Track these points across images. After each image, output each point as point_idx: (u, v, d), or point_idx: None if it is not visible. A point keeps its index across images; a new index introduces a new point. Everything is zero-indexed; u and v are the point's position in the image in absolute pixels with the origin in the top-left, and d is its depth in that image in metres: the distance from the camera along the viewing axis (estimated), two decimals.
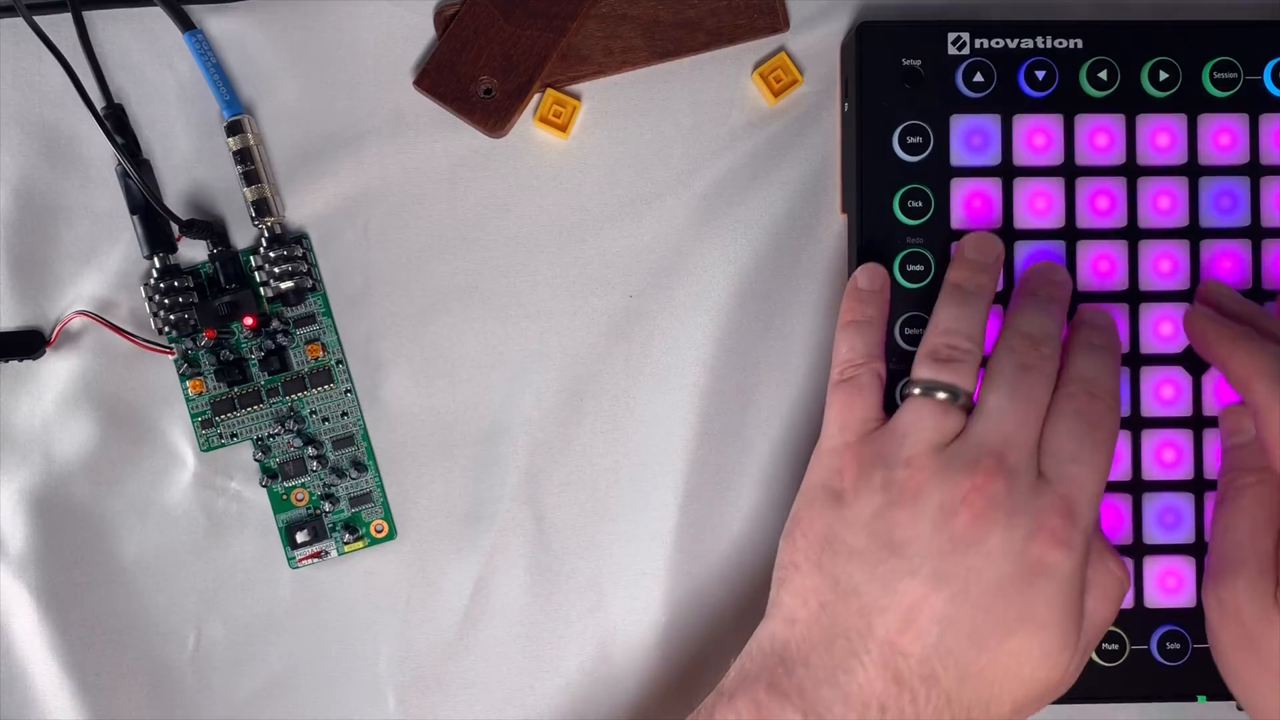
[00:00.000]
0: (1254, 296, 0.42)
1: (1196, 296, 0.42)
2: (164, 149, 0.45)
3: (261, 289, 0.44)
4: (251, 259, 0.44)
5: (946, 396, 0.38)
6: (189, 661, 0.45)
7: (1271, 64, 0.42)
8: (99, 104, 0.44)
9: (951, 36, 0.42)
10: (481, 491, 0.45)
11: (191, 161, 0.45)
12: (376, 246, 0.45)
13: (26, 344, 0.44)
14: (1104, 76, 0.42)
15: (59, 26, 0.43)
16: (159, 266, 0.44)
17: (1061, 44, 0.42)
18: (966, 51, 0.42)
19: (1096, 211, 0.42)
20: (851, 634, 0.36)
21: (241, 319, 0.44)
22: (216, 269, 0.44)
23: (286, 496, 0.45)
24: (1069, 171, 0.42)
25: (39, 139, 0.44)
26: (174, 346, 0.44)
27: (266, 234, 0.44)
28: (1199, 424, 0.42)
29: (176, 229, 0.43)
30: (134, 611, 0.45)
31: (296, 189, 0.45)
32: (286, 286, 0.44)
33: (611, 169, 0.45)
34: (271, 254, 0.44)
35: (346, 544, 0.45)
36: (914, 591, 0.36)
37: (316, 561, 0.45)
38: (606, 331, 0.45)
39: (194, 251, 0.45)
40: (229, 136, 0.44)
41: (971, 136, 0.42)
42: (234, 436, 0.45)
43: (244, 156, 0.44)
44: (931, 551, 0.36)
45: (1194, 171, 0.42)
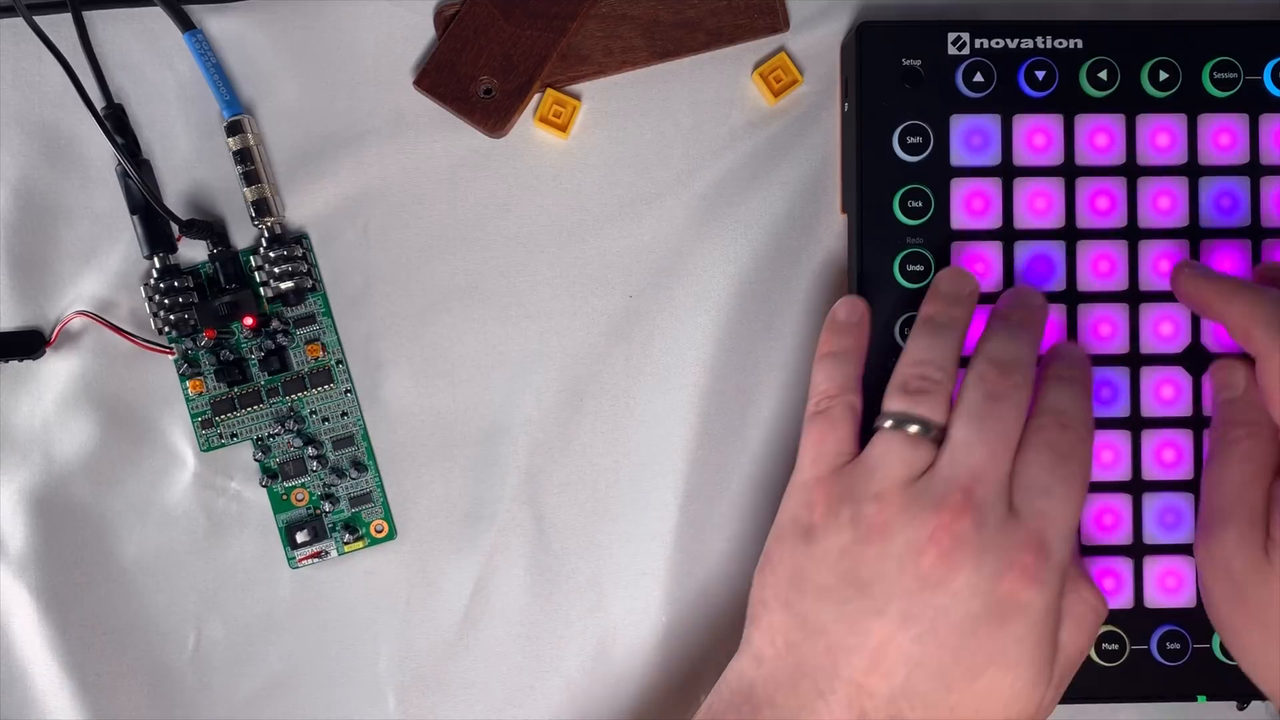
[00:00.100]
0: None
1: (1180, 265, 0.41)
2: (164, 149, 0.45)
3: (261, 289, 0.44)
4: (251, 259, 0.44)
5: (918, 429, 0.37)
6: (189, 661, 0.45)
7: (1271, 64, 0.42)
8: (99, 104, 0.44)
9: (951, 36, 0.42)
10: (481, 491, 0.45)
11: (191, 161, 0.45)
12: (376, 246, 0.45)
13: (26, 344, 0.44)
14: (1104, 76, 0.42)
15: (59, 26, 0.43)
16: (159, 266, 0.44)
17: (1061, 44, 0.42)
18: (966, 51, 0.42)
19: (1096, 211, 0.42)
20: (818, 674, 0.36)
21: (241, 319, 0.44)
22: (216, 269, 0.44)
23: (286, 496, 0.45)
24: (1069, 171, 0.42)
25: (39, 139, 0.44)
26: (174, 346, 0.44)
27: (266, 234, 0.44)
28: (1199, 424, 0.42)
29: (176, 229, 0.43)
30: (134, 611, 0.45)
31: (296, 189, 0.45)
32: (286, 286, 0.44)
33: (611, 169, 0.45)
34: (271, 254, 0.44)
35: (346, 544, 0.45)
36: (881, 631, 0.35)
37: (316, 561, 0.45)
38: (606, 331, 0.45)
39: (194, 251, 0.45)
40: (229, 136, 0.44)
41: (971, 136, 0.42)
42: (234, 436, 0.45)
43: (244, 156, 0.44)
44: (898, 591, 0.35)
45: (1194, 171, 0.42)
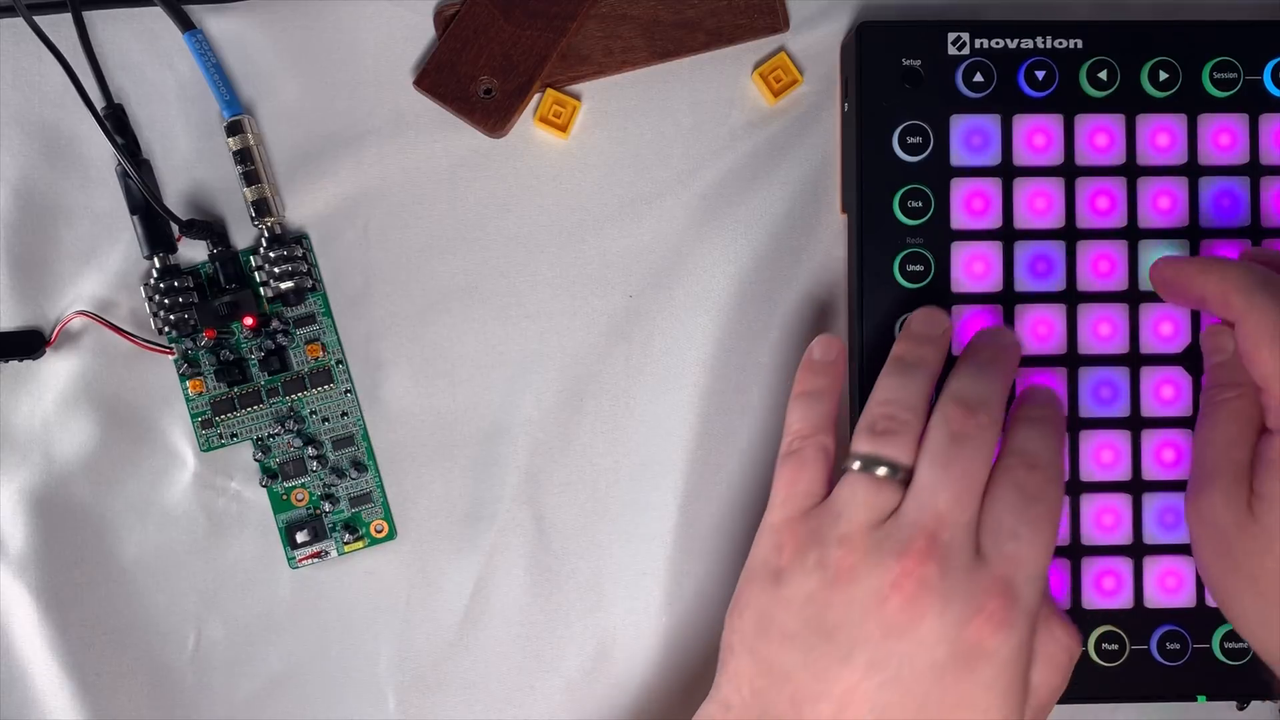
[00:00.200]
0: None
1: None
2: (164, 149, 0.45)
3: (261, 289, 0.44)
4: (251, 259, 0.44)
5: (886, 471, 0.36)
6: (189, 661, 0.45)
7: (1271, 64, 0.42)
8: (99, 104, 0.44)
9: (951, 36, 0.42)
10: (481, 491, 0.45)
11: (191, 161, 0.45)
12: (376, 246, 0.45)
13: (26, 344, 0.44)
14: (1104, 76, 0.42)
15: (59, 26, 0.43)
16: (159, 266, 0.44)
17: (1061, 44, 0.42)
18: (966, 51, 0.42)
19: (1096, 211, 0.42)
20: None
21: (241, 319, 0.44)
22: (216, 269, 0.44)
23: (286, 496, 0.45)
24: (1069, 171, 0.42)
25: (39, 139, 0.44)
26: (174, 346, 0.44)
27: (266, 234, 0.44)
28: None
29: (176, 229, 0.43)
30: (134, 611, 0.45)
31: (296, 189, 0.45)
32: (286, 286, 0.44)
33: (611, 169, 0.45)
34: (271, 254, 0.44)
35: (346, 544, 0.45)
36: (846, 679, 0.35)
37: (316, 561, 0.45)
38: (606, 331, 0.45)
39: (194, 251, 0.45)
40: (229, 136, 0.44)
41: (971, 136, 0.42)
42: (234, 436, 0.45)
43: (244, 156, 0.44)
44: (863, 638, 0.35)
45: (1194, 171, 0.42)
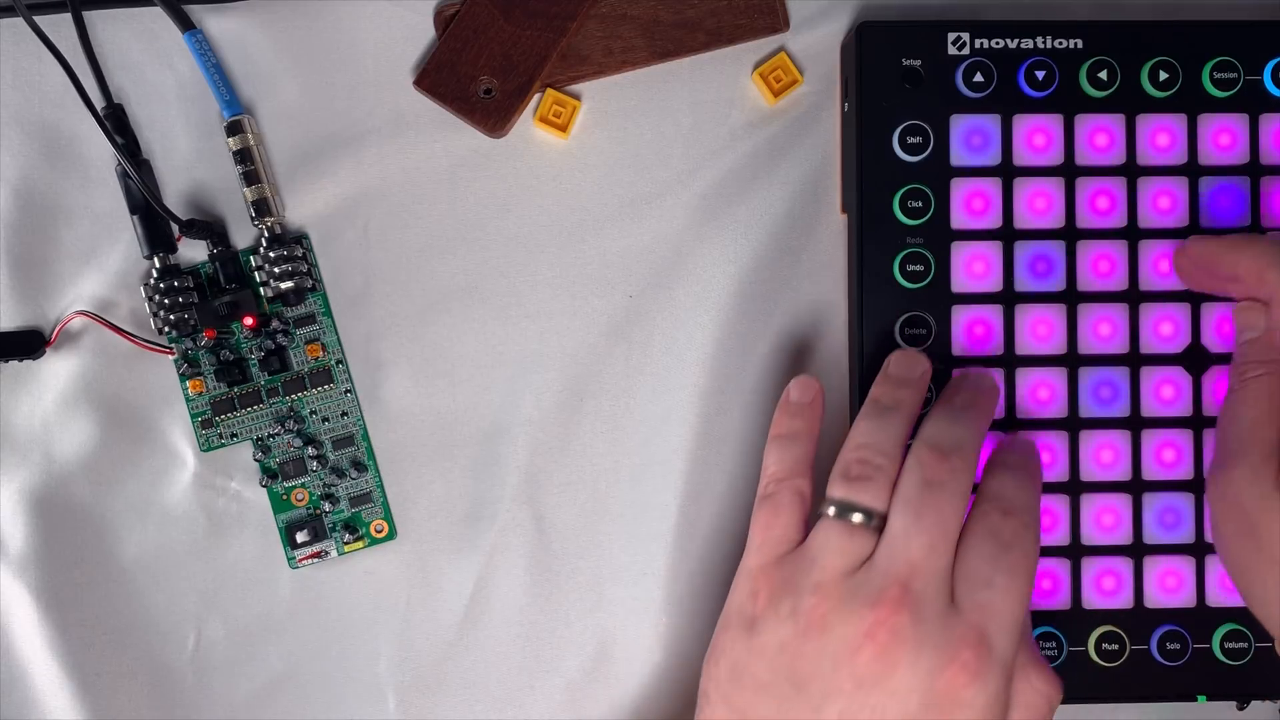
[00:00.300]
0: None
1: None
2: (164, 149, 0.45)
3: (261, 289, 0.44)
4: (251, 259, 0.44)
5: (860, 518, 0.36)
6: (189, 661, 0.45)
7: (1271, 64, 0.42)
8: (99, 104, 0.44)
9: (951, 36, 0.42)
10: (481, 491, 0.45)
11: (191, 161, 0.45)
12: (376, 246, 0.45)
13: (26, 344, 0.44)
14: (1104, 76, 0.42)
15: (59, 26, 0.43)
16: (159, 266, 0.44)
17: (1061, 44, 0.42)
18: (966, 51, 0.42)
19: (1096, 211, 0.42)
20: None
21: (241, 319, 0.44)
22: (216, 269, 0.44)
23: (286, 496, 0.45)
24: (1069, 171, 0.42)
25: (39, 139, 0.44)
26: (174, 346, 0.44)
27: (266, 234, 0.44)
28: (1199, 424, 0.42)
29: (176, 229, 0.43)
30: (134, 611, 0.45)
31: (296, 189, 0.45)
32: (286, 286, 0.44)
33: (611, 169, 0.45)
34: (271, 254, 0.44)
35: (346, 544, 0.45)
36: None
37: (316, 561, 0.45)
38: (606, 331, 0.45)
39: (194, 251, 0.45)
40: (229, 136, 0.44)
41: (971, 136, 0.42)
42: (234, 436, 0.45)
43: (244, 156, 0.44)
44: (835, 689, 0.35)
45: (1194, 171, 0.42)
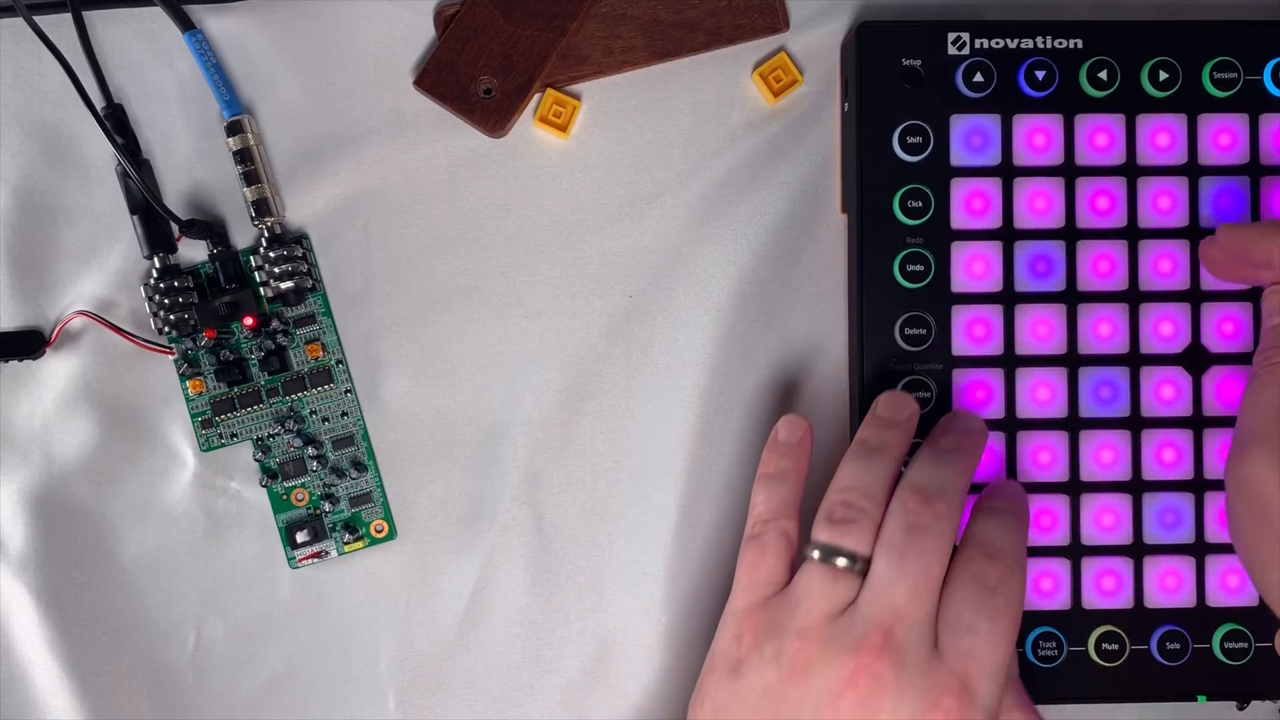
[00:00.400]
0: (1253, 296, 0.42)
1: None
2: (164, 149, 0.45)
3: (261, 289, 0.44)
4: (251, 259, 0.44)
5: (845, 562, 0.36)
6: (189, 661, 0.45)
7: (1271, 64, 0.42)
8: (99, 104, 0.44)
9: (951, 36, 0.42)
10: (481, 491, 0.45)
11: (191, 161, 0.45)
12: (376, 246, 0.45)
13: (26, 344, 0.44)
14: (1104, 76, 0.42)
15: (59, 26, 0.43)
16: (159, 266, 0.44)
17: (1061, 44, 0.42)
18: (966, 51, 0.42)
19: (1096, 211, 0.42)
20: None
21: (241, 319, 0.44)
22: (216, 269, 0.44)
23: (286, 496, 0.45)
24: (1069, 171, 0.42)
25: (39, 139, 0.44)
26: (174, 346, 0.44)
27: (266, 234, 0.44)
28: (1199, 424, 0.42)
29: (176, 229, 0.43)
30: (134, 611, 0.45)
31: (296, 189, 0.45)
32: (286, 286, 0.44)
33: (611, 169, 0.45)
34: (271, 254, 0.44)
35: (346, 544, 0.45)
36: None
37: (316, 561, 0.45)
38: (606, 331, 0.45)
39: (194, 251, 0.45)
40: (229, 136, 0.44)
41: (971, 136, 0.42)
42: (234, 436, 0.45)
43: (244, 156, 0.44)
44: None
45: (1194, 171, 0.42)
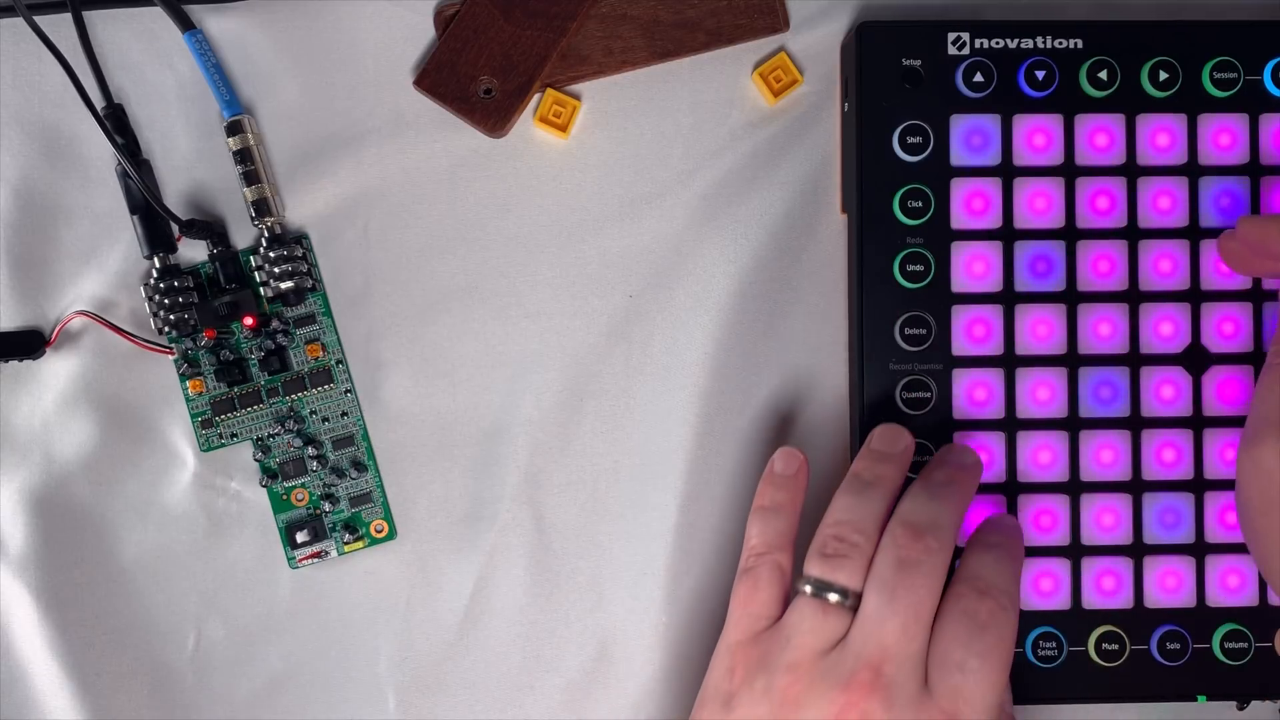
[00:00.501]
0: (1253, 296, 0.42)
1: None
2: (164, 149, 0.45)
3: (261, 289, 0.44)
4: (251, 259, 0.44)
5: (836, 598, 0.36)
6: (189, 661, 0.45)
7: (1271, 64, 0.42)
8: (99, 104, 0.44)
9: (951, 36, 0.42)
10: (481, 491, 0.45)
11: (191, 161, 0.45)
12: (376, 246, 0.45)
13: (26, 344, 0.44)
14: (1104, 76, 0.42)
15: (59, 26, 0.43)
16: (159, 266, 0.44)
17: (1061, 44, 0.42)
18: (966, 51, 0.42)
19: (1096, 211, 0.42)
20: None
21: (241, 319, 0.44)
22: (216, 269, 0.44)
23: (286, 496, 0.45)
24: (1069, 171, 0.42)
25: (39, 139, 0.44)
26: (174, 346, 0.44)
27: (266, 234, 0.44)
28: (1199, 424, 0.42)
29: (176, 229, 0.43)
30: (134, 611, 0.45)
31: (296, 189, 0.45)
32: (286, 286, 0.44)
33: (611, 169, 0.45)
34: (271, 254, 0.44)
35: (346, 544, 0.45)
36: None
37: (316, 561, 0.45)
38: (606, 331, 0.45)
39: (194, 251, 0.45)
40: (229, 136, 0.44)
41: (971, 136, 0.42)
42: (234, 436, 0.45)
43: (244, 156, 0.44)
44: None
45: (1194, 171, 0.42)
